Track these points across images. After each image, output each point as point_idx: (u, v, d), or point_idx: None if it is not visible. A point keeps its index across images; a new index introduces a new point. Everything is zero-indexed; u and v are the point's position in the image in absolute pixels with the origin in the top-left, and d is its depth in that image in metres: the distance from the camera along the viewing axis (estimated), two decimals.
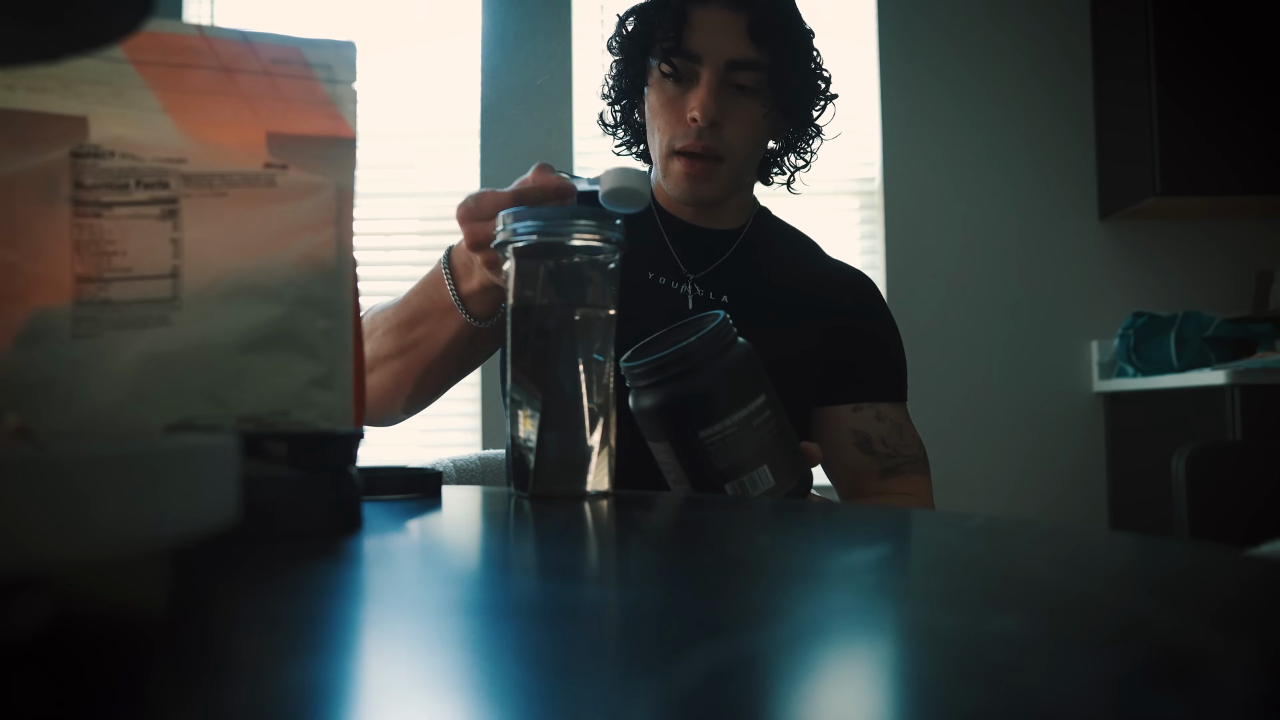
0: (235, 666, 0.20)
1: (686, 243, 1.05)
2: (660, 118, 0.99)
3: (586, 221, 0.57)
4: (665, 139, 0.98)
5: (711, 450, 0.69)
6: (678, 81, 0.97)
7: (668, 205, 1.07)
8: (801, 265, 1.09)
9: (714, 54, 0.95)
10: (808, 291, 1.05)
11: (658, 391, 0.70)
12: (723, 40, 0.95)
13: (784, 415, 0.74)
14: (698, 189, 0.98)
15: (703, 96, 0.94)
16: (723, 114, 0.95)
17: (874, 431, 1.01)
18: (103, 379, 0.41)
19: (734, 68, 0.95)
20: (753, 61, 0.96)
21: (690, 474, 0.71)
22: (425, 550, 0.40)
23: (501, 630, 0.23)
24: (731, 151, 0.97)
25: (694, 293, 1.01)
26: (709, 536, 0.42)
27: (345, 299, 0.45)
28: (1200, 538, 1.52)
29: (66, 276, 0.42)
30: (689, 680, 0.19)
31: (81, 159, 0.42)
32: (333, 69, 0.45)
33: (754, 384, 0.71)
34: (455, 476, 1.23)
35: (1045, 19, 2.56)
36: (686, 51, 0.95)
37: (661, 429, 0.70)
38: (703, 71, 0.95)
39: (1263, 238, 2.50)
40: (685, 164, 0.97)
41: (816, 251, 1.13)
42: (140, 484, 0.20)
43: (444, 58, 2.60)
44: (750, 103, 0.97)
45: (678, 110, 0.97)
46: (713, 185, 0.99)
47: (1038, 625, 0.24)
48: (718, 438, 0.69)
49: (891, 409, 1.03)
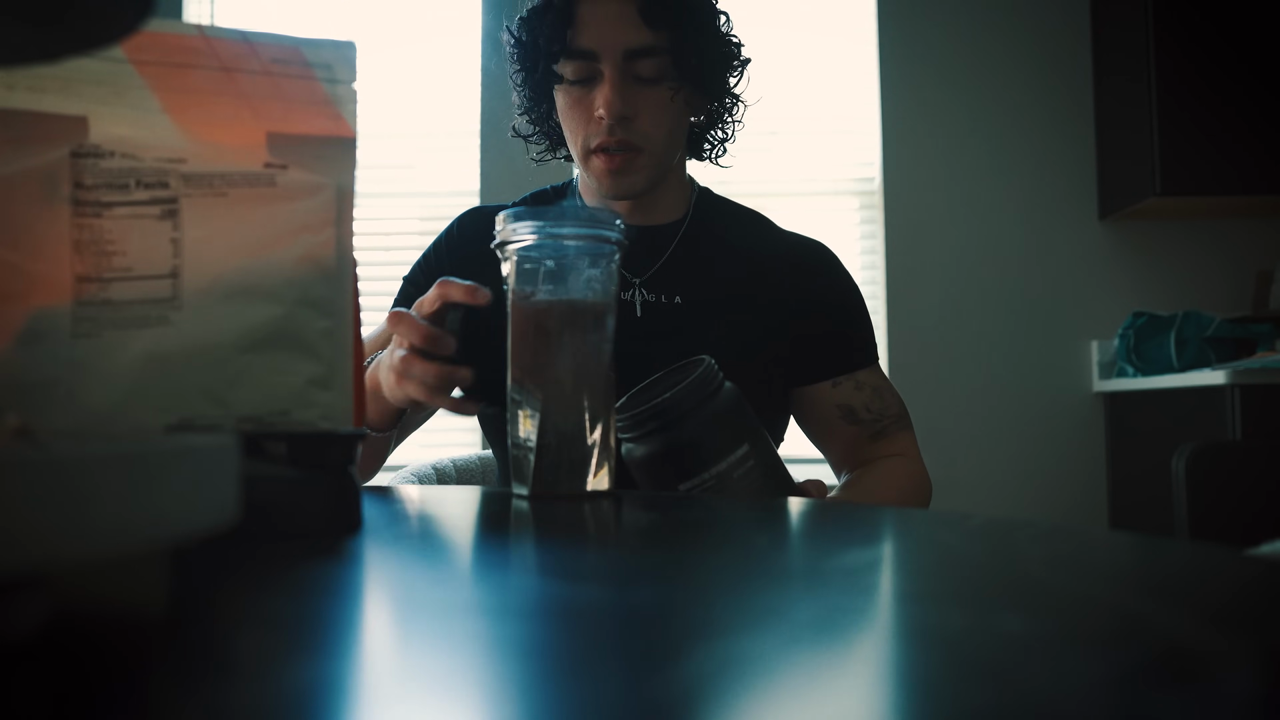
0: (235, 666, 0.20)
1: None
2: (570, 120, 0.96)
3: (586, 221, 0.57)
4: (580, 140, 0.96)
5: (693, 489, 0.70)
6: (579, 83, 0.94)
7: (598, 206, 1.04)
8: (753, 246, 1.04)
9: (610, 47, 0.91)
10: (764, 274, 1.01)
11: (639, 444, 0.70)
12: (616, 31, 0.91)
13: (776, 459, 0.74)
14: (623, 183, 0.95)
15: (607, 94, 0.91)
16: (631, 106, 0.92)
17: (856, 401, 1.01)
18: (103, 379, 0.41)
19: (633, 57, 0.92)
20: (651, 47, 0.92)
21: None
22: (425, 550, 0.40)
23: (501, 630, 0.23)
24: (648, 139, 0.94)
25: (642, 298, 0.98)
26: (709, 536, 0.42)
27: (345, 299, 0.45)
28: (1200, 538, 1.52)
29: (66, 276, 0.42)
30: (688, 680, 0.19)
31: (81, 159, 0.42)
32: (333, 69, 0.45)
33: (739, 433, 0.71)
34: (455, 476, 1.23)
35: (1045, 18, 2.56)
36: (580, 51, 0.92)
37: (644, 480, 0.71)
38: (603, 67, 0.92)
39: (1263, 238, 2.50)
40: (604, 160, 0.94)
41: (767, 227, 1.09)
42: (140, 484, 0.20)
43: (444, 58, 2.60)
44: (657, 90, 0.93)
45: (585, 109, 0.94)
46: (638, 176, 0.96)
47: (1038, 625, 0.24)
48: (698, 490, 0.69)
49: (868, 375, 1.03)
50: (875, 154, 2.57)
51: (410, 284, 1.03)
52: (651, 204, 1.02)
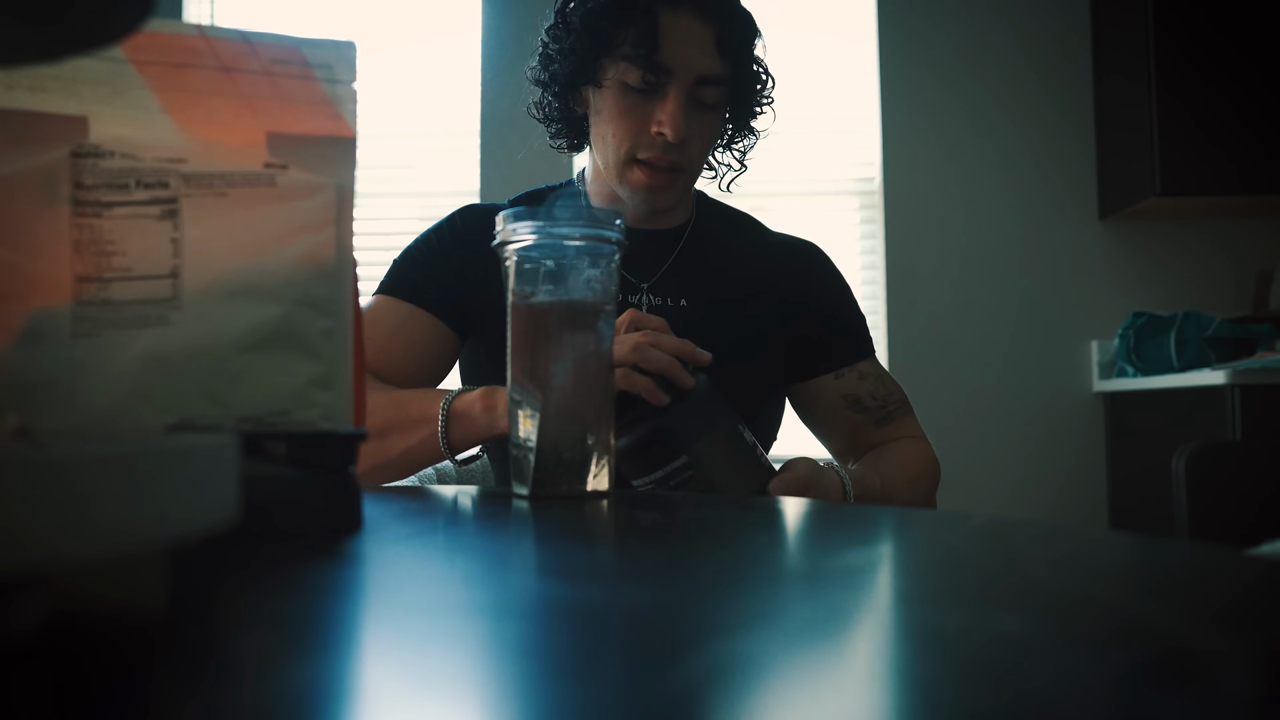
0: (235, 666, 0.20)
1: (631, 249, 1.02)
2: (618, 124, 0.95)
3: (586, 221, 0.57)
4: (625, 147, 0.95)
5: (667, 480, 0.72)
6: (643, 94, 0.93)
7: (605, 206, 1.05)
8: (750, 248, 1.07)
9: (685, 69, 0.92)
10: (761, 275, 1.04)
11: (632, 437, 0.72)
12: (694, 54, 0.92)
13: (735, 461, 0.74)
14: (659, 199, 0.97)
15: (674, 114, 0.91)
16: (689, 129, 0.93)
17: (861, 390, 1.04)
18: (103, 379, 0.41)
19: (702, 83, 0.93)
20: (720, 77, 0.94)
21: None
22: (425, 550, 0.40)
23: (501, 630, 0.23)
24: (693, 163, 0.97)
25: (649, 302, 0.99)
26: (709, 536, 0.42)
27: (345, 299, 0.45)
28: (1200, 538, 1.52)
29: (66, 276, 0.42)
30: (688, 680, 0.19)
31: (81, 159, 0.42)
32: (333, 69, 0.45)
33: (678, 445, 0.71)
34: (455, 476, 1.23)
35: (1045, 18, 2.56)
36: (659, 65, 0.91)
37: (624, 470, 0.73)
38: (672, 86, 0.92)
39: (1263, 238, 2.50)
40: (648, 175, 0.95)
41: (760, 229, 1.12)
42: (140, 484, 0.20)
43: (444, 58, 2.60)
44: (711, 117, 0.96)
45: (639, 119, 0.93)
46: (672, 195, 0.98)
47: (1038, 625, 0.24)
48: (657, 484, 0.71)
49: (868, 365, 1.06)
50: (875, 154, 2.57)
51: (410, 266, 1.02)
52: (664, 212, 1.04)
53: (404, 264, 1.03)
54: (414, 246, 1.04)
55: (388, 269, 1.04)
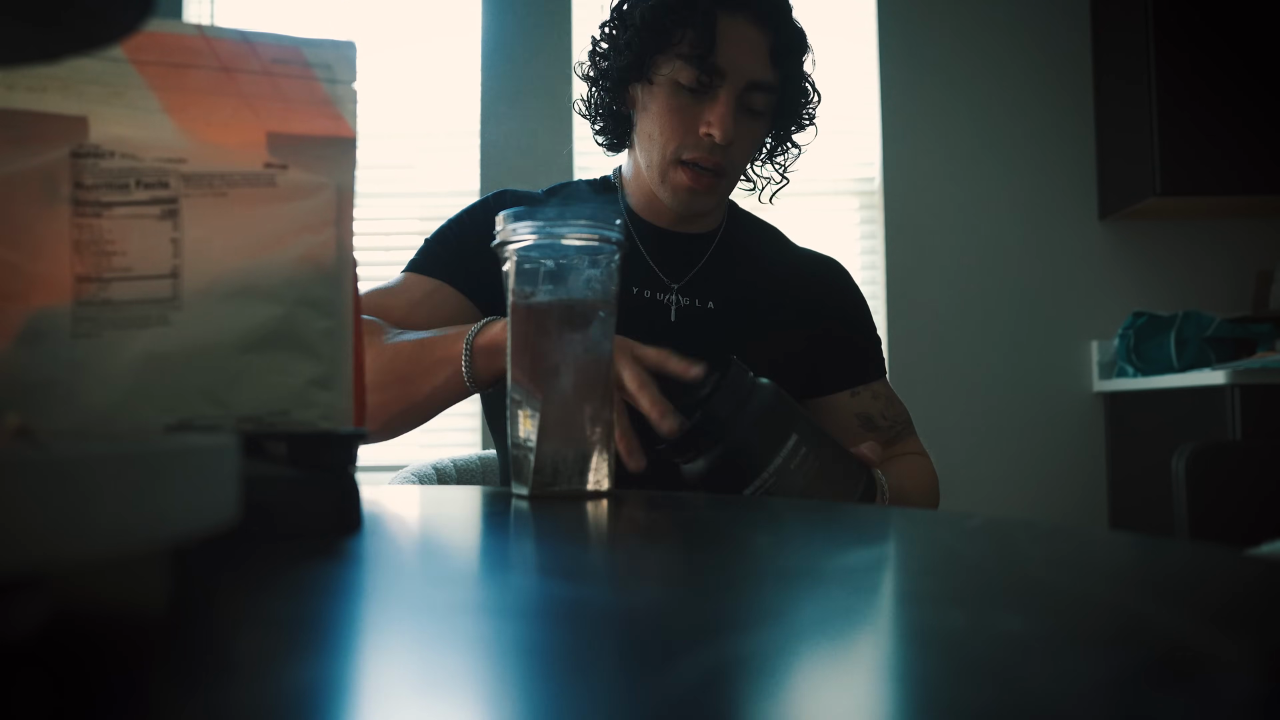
0: (235, 667, 0.20)
1: (664, 249, 1.03)
2: (665, 123, 0.96)
3: (586, 221, 0.57)
4: (671, 147, 0.96)
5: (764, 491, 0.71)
6: (693, 93, 0.94)
7: (643, 211, 1.05)
8: (776, 259, 1.09)
9: (738, 73, 0.93)
10: (785, 286, 1.06)
11: (694, 462, 0.71)
12: (748, 60, 0.94)
13: (825, 436, 0.74)
14: (699, 201, 0.98)
15: (723, 115, 0.93)
16: (736, 133, 0.95)
17: (873, 410, 1.06)
18: (103, 379, 0.41)
19: (752, 89, 0.95)
20: (770, 85, 0.96)
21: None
22: (425, 550, 0.40)
23: (501, 630, 0.23)
24: (734, 167, 0.98)
25: (678, 303, 1.00)
26: (709, 536, 0.42)
27: (345, 299, 0.45)
28: (1200, 538, 1.52)
29: (66, 276, 0.42)
30: (689, 681, 0.19)
31: (81, 159, 0.42)
32: (333, 69, 0.45)
33: (784, 426, 0.71)
34: (455, 476, 1.23)
35: (1045, 18, 2.56)
36: (714, 67, 0.93)
37: (710, 490, 0.72)
38: (723, 89, 0.93)
39: (1263, 238, 2.50)
40: (692, 176, 0.96)
41: (785, 242, 1.14)
42: (140, 484, 0.20)
43: (444, 58, 2.60)
44: (757, 123, 0.98)
45: (688, 120, 0.95)
46: (712, 199, 0.99)
47: (1038, 625, 0.24)
48: (762, 491, 0.70)
49: (881, 385, 1.08)
50: (875, 154, 2.57)
51: (444, 246, 1.01)
52: (699, 216, 1.05)
53: (435, 242, 1.03)
54: (446, 226, 1.04)
55: (418, 249, 1.04)
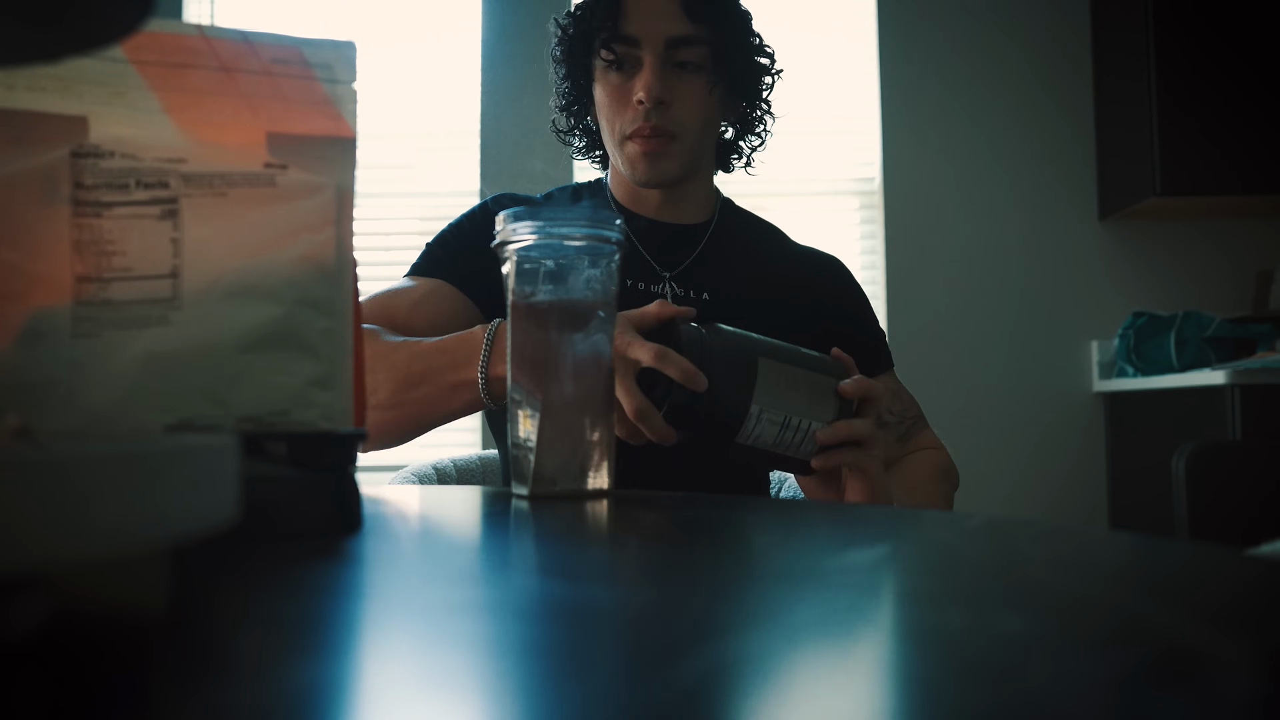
0: (235, 666, 0.20)
1: (655, 240, 1.04)
2: (608, 109, 0.99)
3: (586, 221, 0.57)
4: (615, 128, 0.98)
5: (759, 443, 0.70)
6: (621, 69, 0.97)
7: (630, 204, 1.06)
8: (773, 254, 1.09)
9: (652, 34, 0.95)
10: (783, 281, 1.05)
11: (686, 429, 0.71)
12: (660, 20, 0.95)
13: (795, 353, 0.72)
14: (656, 168, 0.98)
15: (647, 78, 0.94)
16: (669, 93, 0.95)
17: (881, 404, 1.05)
18: (103, 379, 0.41)
19: (674, 45, 0.95)
20: (692, 37, 0.96)
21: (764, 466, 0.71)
22: (425, 550, 0.40)
23: (502, 630, 0.23)
24: (683, 128, 0.97)
25: (672, 291, 1.00)
26: (709, 536, 0.42)
27: (345, 299, 0.45)
28: (1200, 538, 1.52)
29: (66, 276, 0.42)
30: (688, 681, 0.19)
31: (81, 159, 0.42)
32: (333, 69, 0.45)
33: (750, 351, 0.70)
34: (455, 476, 1.23)
35: (1045, 18, 2.56)
36: (625, 36, 0.96)
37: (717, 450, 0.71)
38: (644, 54, 0.95)
39: (1263, 238, 2.50)
40: (640, 144, 0.97)
41: (784, 239, 1.14)
42: (140, 484, 0.20)
43: (444, 58, 2.60)
44: (695, 78, 0.97)
45: (624, 97, 0.97)
46: (671, 163, 0.98)
47: (1038, 625, 0.24)
48: (751, 437, 0.70)
49: (887, 378, 1.07)
50: (875, 154, 2.57)
51: (445, 249, 1.03)
52: (682, 202, 1.05)
53: (435, 246, 1.04)
54: (446, 230, 1.06)
55: (420, 253, 1.05)
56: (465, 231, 1.04)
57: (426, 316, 0.96)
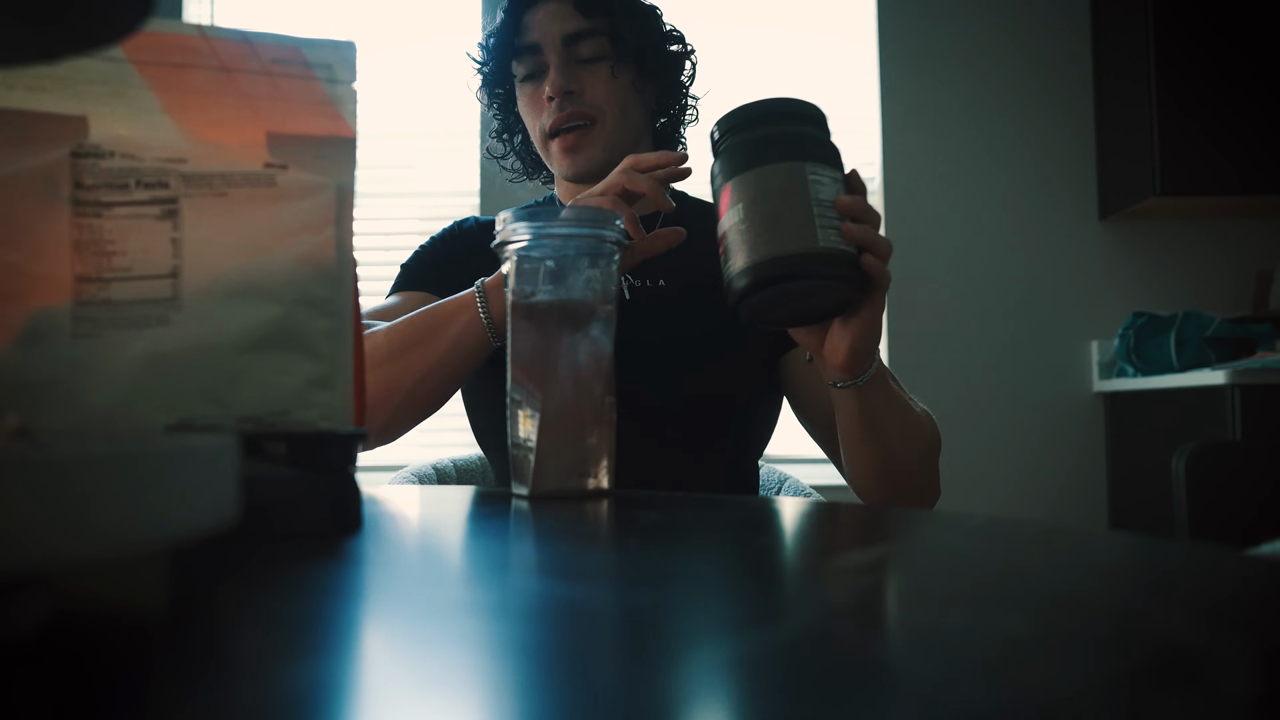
0: (235, 666, 0.20)
1: None
2: (529, 116, 1.03)
3: (586, 221, 0.57)
4: (536, 130, 1.02)
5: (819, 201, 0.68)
6: (532, 79, 1.02)
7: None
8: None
9: (550, 35, 1.00)
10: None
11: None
12: (554, 23, 1.00)
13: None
14: (581, 157, 1.00)
15: (551, 75, 0.99)
16: (577, 83, 0.99)
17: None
18: (103, 379, 0.41)
19: (572, 41, 1.00)
20: (587, 29, 0.99)
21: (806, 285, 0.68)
22: (425, 550, 0.40)
23: (501, 630, 0.23)
24: (599, 111, 1.00)
25: (628, 282, 1.02)
26: (709, 536, 0.42)
27: (345, 299, 0.45)
28: (1200, 538, 1.52)
29: (66, 276, 0.42)
30: (688, 680, 0.19)
31: (81, 159, 0.42)
32: (333, 69, 0.45)
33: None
34: (455, 476, 1.23)
35: (1045, 18, 2.56)
36: (526, 46, 1.01)
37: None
38: (546, 57, 1.00)
39: (1263, 238, 2.50)
40: (560, 140, 1.00)
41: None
42: (140, 484, 0.20)
43: (444, 58, 2.60)
44: (599, 66, 1.01)
45: (538, 100, 1.01)
46: (594, 150, 1.01)
47: (1038, 625, 0.24)
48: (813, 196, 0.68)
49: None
50: (875, 154, 2.57)
51: (421, 264, 1.06)
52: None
53: (412, 263, 1.07)
54: (419, 249, 1.09)
55: (396, 275, 1.07)
56: (438, 247, 1.07)
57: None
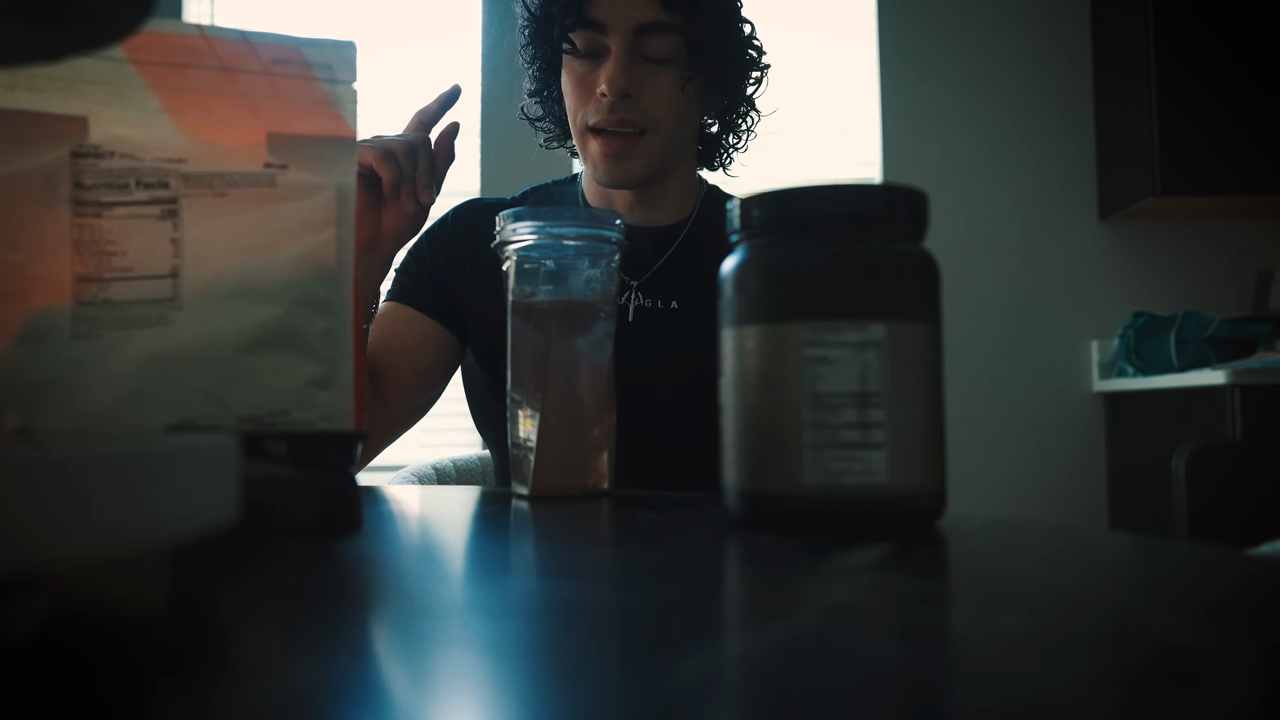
0: (235, 666, 0.20)
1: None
2: (572, 97, 0.92)
3: (586, 221, 0.57)
4: (578, 117, 0.91)
5: None
6: (586, 58, 0.90)
7: (598, 204, 1.00)
8: None
9: (620, 21, 0.87)
10: None
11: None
12: (628, 5, 0.87)
13: None
14: (620, 168, 0.90)
15: (610, 69, 0.87)
16: (637, 85, 0.88)
17: None
18: (103, 379, 0.41)
19: (643, 33, 0.87)
20: (663, 24, 0.87)
21: None
22: (425, 550, 0.40)
23: (501, 630, 0.23)
24: (653, 122, 0.89)
25: (637, 303, 0.93)
26: (709, 536, 0.42)
27: (345, 299, 0.45)
28: (1200, 538, 1.52)
29: (67, 276, 0.42)
30: (687, 681, 0.19)
31: (81, 159, 0.42)
32: (333, 69, 0.45)
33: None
34: (455, 476, 1.23)
35: (1045, 19, 2.56)
36: (590, 22, 0.88)
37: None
38: (610, 42, 0.88)
39: (1263, 238, 2.50)
40: (602, 142, 0.89)
41: None
42: (140, 484, 0.20)
43: (444, 58, 2.60)
44: (666, 71, 0.89)
45: (588, 86, 0.90)
46: (637, 163, 0.90)
47: (1038, 625, 0.24)
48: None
49: None
50: (875, 154, 2.57)
51: (403, 273, 1.00)
52: (654, 201, 0.97)
53: (401, 270, 1.00)
54: (410, 251, 1.01)
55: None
56: (424, 252, 1.00)
57: (401, 349, 0.95)
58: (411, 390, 0.96)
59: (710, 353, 0.84)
